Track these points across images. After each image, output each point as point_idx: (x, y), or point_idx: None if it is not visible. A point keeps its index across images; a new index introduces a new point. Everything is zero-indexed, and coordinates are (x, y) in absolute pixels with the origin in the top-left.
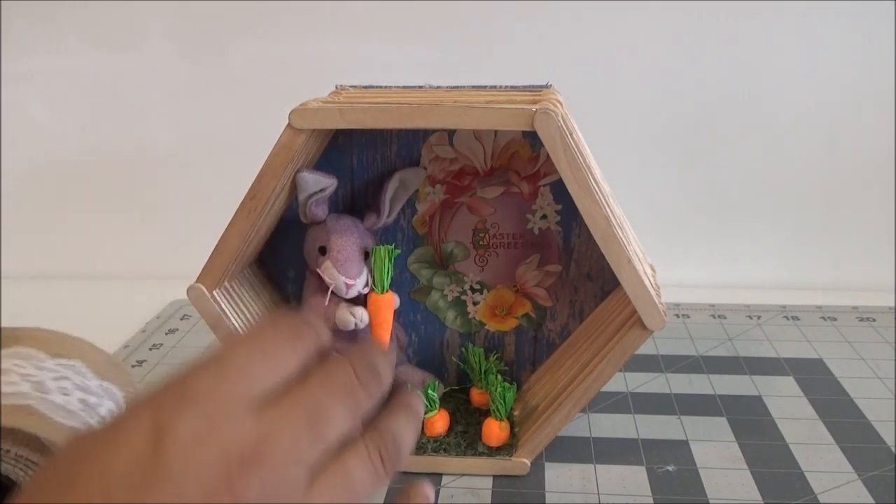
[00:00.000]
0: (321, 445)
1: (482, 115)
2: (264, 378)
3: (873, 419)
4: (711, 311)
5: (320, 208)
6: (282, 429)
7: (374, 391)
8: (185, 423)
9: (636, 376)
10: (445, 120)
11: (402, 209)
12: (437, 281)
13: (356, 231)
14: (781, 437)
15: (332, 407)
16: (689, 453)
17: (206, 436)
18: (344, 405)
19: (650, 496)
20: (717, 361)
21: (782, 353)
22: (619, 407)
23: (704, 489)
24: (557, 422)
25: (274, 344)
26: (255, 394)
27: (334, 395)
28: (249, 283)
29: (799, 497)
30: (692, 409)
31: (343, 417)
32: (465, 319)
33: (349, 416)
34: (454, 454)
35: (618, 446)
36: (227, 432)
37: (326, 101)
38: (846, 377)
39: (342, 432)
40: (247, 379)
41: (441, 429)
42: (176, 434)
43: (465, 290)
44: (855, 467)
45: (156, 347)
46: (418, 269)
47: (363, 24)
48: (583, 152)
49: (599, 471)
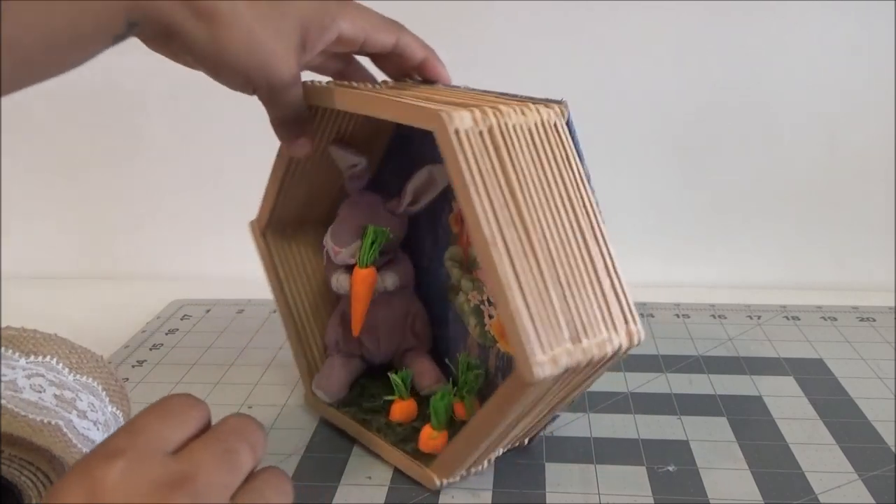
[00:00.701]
0: (237, 475)
1: (391, 107)
2: (173, 433)
3: (873, 419)
4: (711, 311)
5: (354, 183)
6: (202, 462)
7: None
8: (113, 471)
9: (636, 376)
10: (365, 107)
11: (444, 205)
12: (464, 284)
13: (368, 208)
14: (781, 437)
15: (239, 445)
16: (689, 453)
17: (135, 475)
18: (248, 444)
19: (650, 496)
20: (717, 361)
21: (782, 353)
22: (619, 407)
23: (704, 489)
24: (457, 452)
25: (178, 408)
26: (168, 445)
27: (238, 437)
28: (312, 244)
29: (799, 497)
30: (692, 409)
31: (248, 455)
32: (482, 330)
33: (252, 455)
34: (389, 440)
35: (618, 446)
36: (154, 469)
37: (322, 82)
38: (846, 377)
39: (249, 469)
40: (160, 434)
41: (400, 417)
42: (106, 480)
43: (483, 300)
44: (855, 467)
45: (156, 347)
46: (451, 266)
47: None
48: (503, 174)
49: (599, 471)
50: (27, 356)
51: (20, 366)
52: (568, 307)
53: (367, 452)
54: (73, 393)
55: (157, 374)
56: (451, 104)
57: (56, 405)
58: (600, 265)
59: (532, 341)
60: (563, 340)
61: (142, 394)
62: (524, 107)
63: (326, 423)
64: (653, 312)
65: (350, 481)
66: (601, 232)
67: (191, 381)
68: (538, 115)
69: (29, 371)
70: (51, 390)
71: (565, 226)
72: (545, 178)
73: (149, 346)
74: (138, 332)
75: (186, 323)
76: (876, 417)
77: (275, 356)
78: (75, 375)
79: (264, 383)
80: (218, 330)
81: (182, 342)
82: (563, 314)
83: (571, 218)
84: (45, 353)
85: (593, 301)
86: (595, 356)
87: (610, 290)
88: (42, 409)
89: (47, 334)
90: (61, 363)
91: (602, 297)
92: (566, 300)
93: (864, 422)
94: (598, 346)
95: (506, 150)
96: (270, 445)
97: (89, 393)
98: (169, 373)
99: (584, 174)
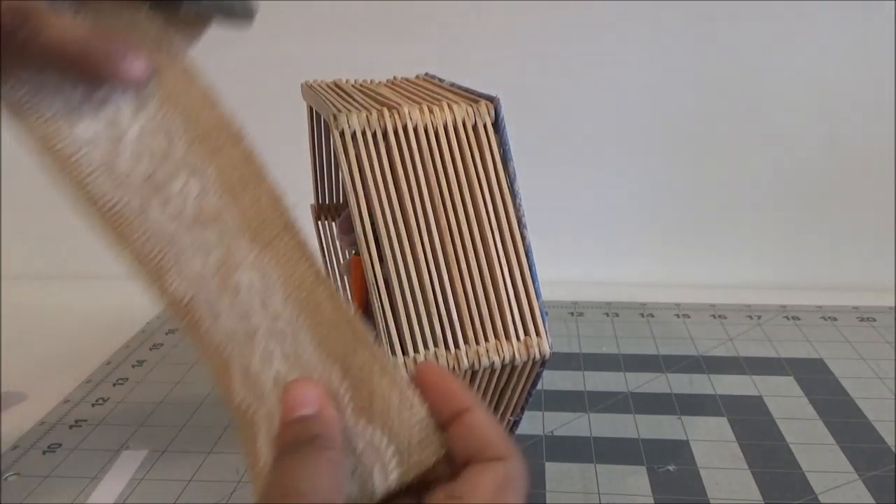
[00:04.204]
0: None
1: (315, 100)
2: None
3: (873, 419)
4: (711, 311)
5: None
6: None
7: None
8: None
9: (636, 376)
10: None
11: None
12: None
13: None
14: (781, 437)
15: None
16: (689, 453)
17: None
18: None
19: (650, 496)
20: (717, 361)
21: (782, 353)
22: (619, 407)
23: (704, 489)
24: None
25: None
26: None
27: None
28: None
29: (799, 497)
30: (692, 409)
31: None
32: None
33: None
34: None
35: (618, 446)
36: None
37: (325, 82)
38: (846, 377)
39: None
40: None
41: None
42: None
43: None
44: (855, 467)
45: (156, 347)
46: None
47: (364, 24)
48: (391, 174)
49: (599, 471)
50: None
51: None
52: (447, 313)
53: None
54: None
55: (157, 373)
56: (371, 104)
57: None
58: (498, 274)
59: (395, 342)
60: (431, 346)
61: (142, 394)
62: (437, 107)
63: None
64: (653, 312)
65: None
66: (512, 239)
67: (191, 381)
68: (450, 114)
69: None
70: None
71: (461, 229)
72: (445, 179)
73: (149, 346)
74: (138, 332)
75: None
76: (876, 417)
77: None
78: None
79: None
80: None
81: (182, 342)
82: (437, 322)
83: (472, 221)
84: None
85: (483, 310)
86: (477, 363)
87: (508, 301)
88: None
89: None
90: None
91: (495, 306)
92: (442, 307)
93: (864, 422)
94: (477, 355)
95: (398, 151)
96: None
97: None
98: (169, 373)
99: (505, 175)
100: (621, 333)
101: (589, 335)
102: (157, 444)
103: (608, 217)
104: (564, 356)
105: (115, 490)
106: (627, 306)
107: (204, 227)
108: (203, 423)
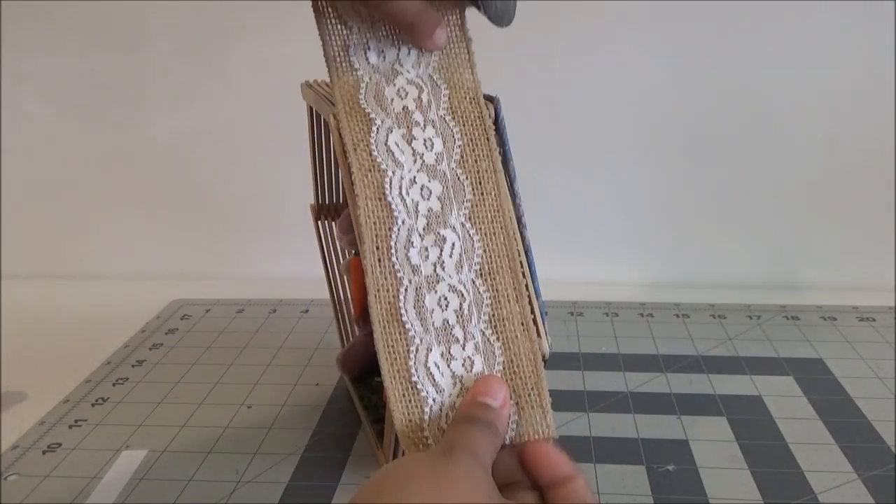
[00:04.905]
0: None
1: (315, 100)
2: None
3: (873, 419)
4: (711, 311)
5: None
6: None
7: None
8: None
9: (636, 376)
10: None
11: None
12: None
13: None
14: (781, 437)
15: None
16: (689, 453)
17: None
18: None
19: (650, 496)
20: (717, 361)
21: (782, 353)
22: (619, 407)
23: (704, 489)
24: (389, 442)
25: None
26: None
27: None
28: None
29: (799, 497)
30: (692, 409)
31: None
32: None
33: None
34: (371, 418)
35: (618, 446)
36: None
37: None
38: (846, 377)
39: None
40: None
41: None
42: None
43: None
44: (855, 467)
45: (156, 347)
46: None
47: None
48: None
49: (599, 471)
50: None
51: None
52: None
53: (367, 453)
54: None
55: (157, 374)
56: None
57: None
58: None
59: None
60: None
61: (142, 394)
62: (430, 82)
63: (326, 423)
64: (652, 312)
65: (350, 481)
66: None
67: (191, 381)
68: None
69: None
70: None
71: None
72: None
73: (149, 346)
74: (138, 332)
75: (186, 323)
76: (876, 417)
77: (275, 356)
78: None
79: (264, 383)
80: (218, 330)
81: (182, 342)
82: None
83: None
84: None
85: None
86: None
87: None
88: None
89: None
90: None
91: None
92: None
93: (864, 422)
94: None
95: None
96: (270, 445)
97: None
98: (169, 373)
99: (505, 175)
100: (621, 333)
101: (589, 335)
102: (157, 444)
103: (608, 217)
104: (564, 356)
105: (115, 490)
106: (627, 306)
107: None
108: (203, 423)
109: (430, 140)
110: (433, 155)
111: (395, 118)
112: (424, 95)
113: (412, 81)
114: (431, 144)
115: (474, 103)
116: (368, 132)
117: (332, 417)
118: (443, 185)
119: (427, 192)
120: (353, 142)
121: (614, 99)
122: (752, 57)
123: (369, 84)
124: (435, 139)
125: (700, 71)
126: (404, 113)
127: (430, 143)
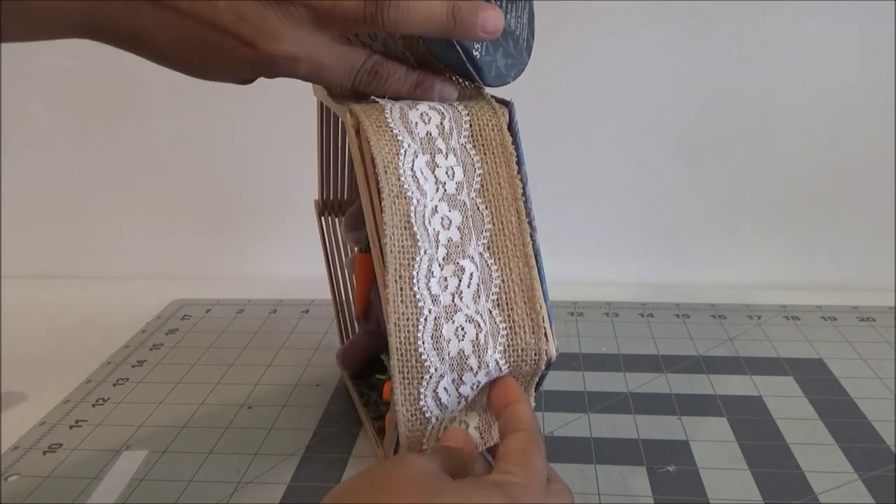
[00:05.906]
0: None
1: (329, 99)
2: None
3: (873, 419)
4: (711, 311)
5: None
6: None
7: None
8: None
9: (636, 376)
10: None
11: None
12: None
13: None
14: (781, 437)
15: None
16: (689, 453)
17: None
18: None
19: (650, 496)
20: (717, 361)
21: (782, 353)
22: (619, 407)
23: (704, 489)
24: (390, 441)
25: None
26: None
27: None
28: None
29: (799, 497)
30: (692, 409)
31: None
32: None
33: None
34: (370, 416)
35: (618, 446)
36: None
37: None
38: (846, 377)
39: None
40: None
41: (388, 396)
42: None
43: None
44: (855, 467)
45: (156, 347)
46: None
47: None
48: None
49: (599, 471)
50: None
51: None
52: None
53: (368, 453)
54: None
55: (157, 374)
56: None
57: None
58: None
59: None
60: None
61: (142, 394)
62: (451, 108)
63: (327, 423)
64: (652, 312)
65: None
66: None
67: (191, 381)
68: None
69: None
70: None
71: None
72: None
73: (149, 346)
74: (138, 332)
75: (186, 323)
76: (876, 417)
77: (275, 356)
78: None
79: (264, 383)
80: (218, 330)
81: (182, 342)
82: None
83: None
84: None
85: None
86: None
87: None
88: None
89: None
90: None
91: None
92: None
93: (864, 422)
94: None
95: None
96: (271, 445)
97: None
98: (169, 373)
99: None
100: (621, 333)
101: (589, 335)
102: (157, 444)
103: (608, 217)
104: (564, 356)
105: (115, 490)
106: (627, 306)
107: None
108: (203, 423)
109: (452, 169)
110: (454, 184)
111: (420, 143)
112: (447, 122)
113: (434, 107)
114: (453, 173)
115: (496, 130)
116: (397, 154)
117: (332, 418)
118: (462, 214)
119: (447, 222)
120: (384, 163)
121: (614, 99)
122: (752, 57)
123: (393, 106)
124: (456, 168)
125: (700, 71)
126: (427, 139)
127: (451, 172)
